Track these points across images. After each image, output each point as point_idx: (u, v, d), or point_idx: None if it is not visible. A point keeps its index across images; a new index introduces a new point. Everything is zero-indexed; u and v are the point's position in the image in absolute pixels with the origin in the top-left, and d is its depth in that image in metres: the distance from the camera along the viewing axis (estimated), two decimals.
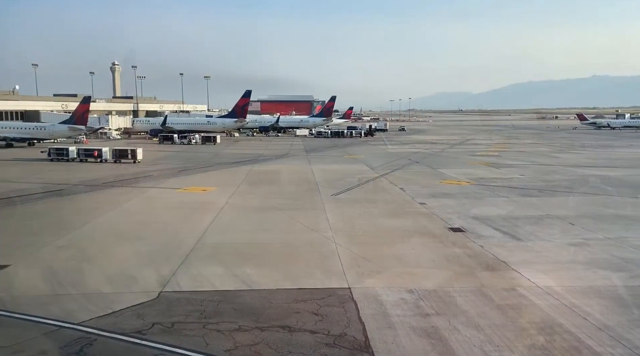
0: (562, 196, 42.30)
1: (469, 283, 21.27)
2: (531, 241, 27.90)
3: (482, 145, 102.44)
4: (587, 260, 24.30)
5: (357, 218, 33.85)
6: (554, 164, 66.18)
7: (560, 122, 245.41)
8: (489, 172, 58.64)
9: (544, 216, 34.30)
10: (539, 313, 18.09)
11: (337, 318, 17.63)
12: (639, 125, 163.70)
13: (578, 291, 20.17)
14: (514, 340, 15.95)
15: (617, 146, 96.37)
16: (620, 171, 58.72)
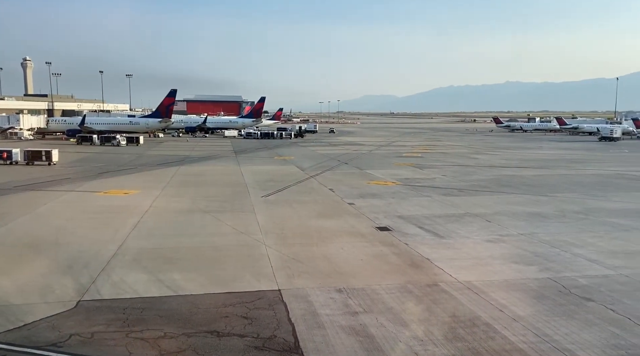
0: (480, 195, 44.75)
1: (395, 280, 21.94)
2: (452, 239, 29.28)
3: (407, 147, 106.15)
4: (503, 255, 25.88)
5: (287, 219, 33.86)
6: (472, 165, 69.87)
7: (478, 125, 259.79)
8: (413, 173, 60.86)
9: (464, 214, 36.12)
10: (460, 307, 19.01)
11: (267, 320, 17.53)
12: (547, 128, 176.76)
13: (495, 284, 21.42)
14: (437, 333, 16.65)
15: (529, 148, 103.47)
16: (532, 171, 63.11)
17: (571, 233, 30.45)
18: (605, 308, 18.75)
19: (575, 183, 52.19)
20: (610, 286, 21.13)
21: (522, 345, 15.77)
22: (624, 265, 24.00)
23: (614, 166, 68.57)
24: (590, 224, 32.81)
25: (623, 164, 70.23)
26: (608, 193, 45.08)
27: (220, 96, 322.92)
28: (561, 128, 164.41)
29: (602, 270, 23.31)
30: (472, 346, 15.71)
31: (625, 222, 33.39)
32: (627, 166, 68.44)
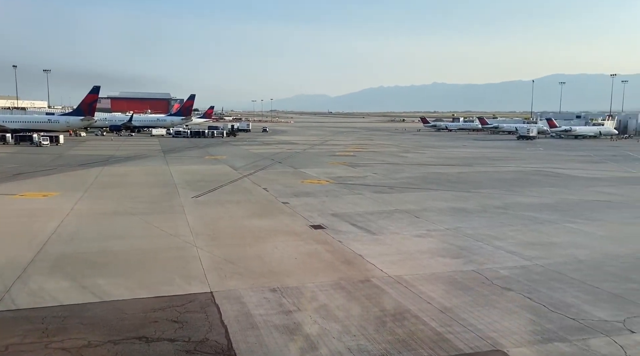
0: (409, 192, 46.25)
1: (329, 277, 22.18)
2: (383, 235, 30.04)
3: (340, 146, 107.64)
4: (430, 249, 26.90)
5: (219, 220, 33.24)
6: (402, 163, 72.09)
7: (407, 124, 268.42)
8: (346, 171, 61.81)
9: (394, 210, 37.18)
10: (390, 301, 19.55)
11: (199, 323, 17.12)
12: (470, 127, 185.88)
13: (423, 278, 22.22)
14: (369, 328, 17.02)
15: (454, 146, 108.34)
16: (456, 168, 66.13)
17: (492, 227, 32.20)
18: (523, 297, 19.99)
19: (496, 179, 55.26)
20: (527, 276, 22.56)
21: (449, 335, 16.47)
22: (539, 256, 25.69)
23: (531, 163, 73.30)
24: (509, 218, 34.85)
25: (539, 161, 75.23)
26: (525, 189, 48.12)
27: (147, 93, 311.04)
28: (483, 128, 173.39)
29: (521, 261, 24.83)
30: (402, 339, 16.19)
31: (541, 215, 35.78)
32: (543, 163, 73.39)
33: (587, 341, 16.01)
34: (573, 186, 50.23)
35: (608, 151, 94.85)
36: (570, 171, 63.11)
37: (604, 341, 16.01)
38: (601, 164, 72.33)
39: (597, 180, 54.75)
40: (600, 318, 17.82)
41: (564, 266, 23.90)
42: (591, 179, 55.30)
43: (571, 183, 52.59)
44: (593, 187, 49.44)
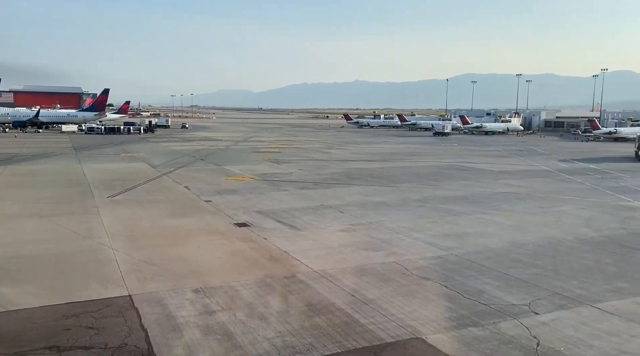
0: (333, 188, 46.98)
1: (254, 275, 22.02)
2: (308, 230, 30.31)
3: (264, 142, 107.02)
4: (354, 243, 27.52)
5: (137, 221, 31.87)
6: (326, 159, 73.05)
7: (331, 121, 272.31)
8: (271, 168, 61.60)
9: (319, 206, 37.61)
10: (315, 295, 19.77)
11: (116, 329, 16.32)
12: (390, 124, 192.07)
13: (347, 271, 22.69)
14: (294, 323, 17.11)
15: (375, 142, 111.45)
16: (378, 163, 68.11)
17: (411, 220, 33.54)
18: (440, 285, 21.02)
19: (414, 173, 57.59)
20: (444, 266, 23.75)
21: (372, 326, 16.96)
22: (454, 246, 27.13)
23: (446, 158, 77.12)
24: (426, 211, 36.46)
25: (453, 156, 79.32)
26: (441, 182, 50.58)
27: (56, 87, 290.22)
28: (402, 124, 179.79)
29: (438, 251, 26.08)
30: (327, 332, 16.44)
31: (455, 207, 37.78)
32: (457, 158, 77.47)
33: (498, 325, 17.16)
34: (484, 179, 53.50)
35: (515, 146, 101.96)
36: (481, 165, 67.16)
37: (512, 324, 17.23)
38: (509, 158, 77.59)
39: (505, 173, 58.71)
40: (509, 302, 19.16)
41: (476, 255, 25.41)
42: (500, 173, 59.20)
43: (482, 176, 55.98)
44: (502, 180, 52.96)
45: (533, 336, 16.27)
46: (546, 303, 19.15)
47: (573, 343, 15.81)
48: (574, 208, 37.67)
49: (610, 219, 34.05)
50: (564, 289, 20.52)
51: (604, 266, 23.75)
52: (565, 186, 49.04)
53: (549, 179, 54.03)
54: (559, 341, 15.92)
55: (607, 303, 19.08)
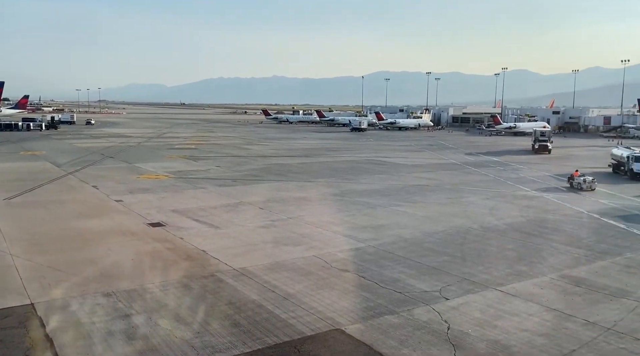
0: (253, 184, 46.59)
1: (170, 276, 21.30)
2: (228, 228, 29.83)
3: (179, 138, 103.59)
4: (275, 239, 27.50)
5: (40, 224, 29.62)
6: (245, 155, 72.24)
7: (249, 117, 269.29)
8: (187, 165, 59.80)
9: (238, 203, 37.13)
10: (235, 293, 19.53)
11: (17, 340, 15.09)
12: (309, 120, 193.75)
13: (268, 267, 22.64)
14: (213, 323, 16.79)
15: (295, 138, 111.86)
16: (298, 159, 68.47)
17: (331, 214, 34.14)
18: (358, 277, 21.61)
19: (333, 168, 58.61)
20: (361, 257, 24.43)
21: (292, 321, 17.07)
22: (371, 238, 27.99)
23: (363, 153, 79.21)
24: (345, 205, 37.27)
25: (369, 151, 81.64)
26: (358, 177, 51.92)
27: None
28: (321, 120, 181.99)
29: (356, 244, 26.77)
30: (247, 330, 16.31)
31: (372, 200, 38.96)
32: (373, 152, 79.83)
33: (412, 311, 17.97)
34: (398, 172, 55.65)
35: (425, 140, 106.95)
36: (395, 159, 69.78)
37: (425, 310, 18.12)
38: (420, 152, 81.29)
39: (417, 167, 61.46)
40: (422, 289, 20.13)
41: (391, 246, 26.41)
42: (413, 166, 61.88)
43: (397, 170, 58.20)
44: (414, 173, 55.39)
45: (444, 320, 17.22)
46: (455, 288, 20.35)
47: (480, 325, 16.94)
48: (479, 198, 40.28)
49: (510, 208, 36.81)
50: (471, 275, 21.90)
51: (506, 252, 25.65)
52: (471, 177, 52.28)
53: (457, 171, 57.32)
54: (467, 324, 16.98)
55: (509, 286, 20.63)
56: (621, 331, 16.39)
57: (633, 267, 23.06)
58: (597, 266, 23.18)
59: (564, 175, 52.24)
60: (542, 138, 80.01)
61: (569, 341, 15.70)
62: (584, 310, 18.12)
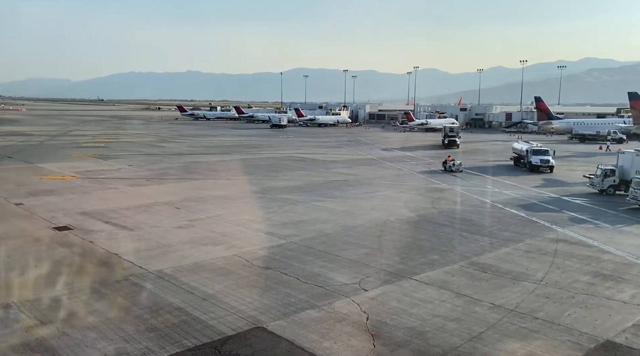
0: (168, 183, 44.98)
1: (79, 282, 20.05)
2: (142, 229, 28.57)
3: (87, 136, 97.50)
4: (193, 239, 26.75)
5: None
6: (159, 153, 69.53)
7: (163, 113, 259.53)
8: (96, 164, 56.49)
9: (153, 203, 35.68)
10: (152, 297, 18.77)
11: None
12: (228, 116, 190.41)
13: (186, 269, 21.98)
14: (128, 328, 16.03)
15: (213, 135, 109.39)
16: (216, 157, 67.04)
17: (251, 211, 33.84)
18: (280, 273, 21.61)
19: (253, 165, 58.09)
20: (283, 254, 24.46)
21: (212, 321, 16.72)
22: (293, 234, 28.10)
23: (283, 149, 79.24)
24: (266, 202, 37.11)
25: (290, 148, 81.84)
26: (279, 173, 51.89)
27: None
28: (239, 116, 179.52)
29: (277, 241, 26.75)
30: (165, 334, 15.76)
31: (293, 197, 39.12)
32: (293, 149, 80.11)
33: (332, 304, 18.30)
34: (318, 169, 56.33)
35: (344, 137, 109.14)
36: (315, 155, 70.53)
37: (345, 302, 18.53)
38: (339, 148, 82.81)
39: (336, 162, 62.55)
40: (342, 282, 20.55)
41: (312, 241, 26.69)
42: (332, 162, 62.88)
43: (317, 166, 58.89)
44: (334, 169, 56.34)
45: (363, 311, 17.72)
46: (373, 279, 21.00)
47: (397, 313, 17.62)
48: (395, 192, 41.83)
49: (423, 200, 38.59)
50: (388, 266, 22.71)
51: (420, 242, 26.87)
52: (387, 172, 54.13)
53: (374, 166, 59.10)
54: (385, 314, 17.59)
55: (422, 275, 21.64)
56: (522, 312, 17.79)
57: (532, 252, 25.10)
58: (502, 253, 24.96)
59: (470, 168, 55.69)
60: (451, 134, 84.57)
61: (478, 324, 16.78)
62: (490, 294, 19.44)
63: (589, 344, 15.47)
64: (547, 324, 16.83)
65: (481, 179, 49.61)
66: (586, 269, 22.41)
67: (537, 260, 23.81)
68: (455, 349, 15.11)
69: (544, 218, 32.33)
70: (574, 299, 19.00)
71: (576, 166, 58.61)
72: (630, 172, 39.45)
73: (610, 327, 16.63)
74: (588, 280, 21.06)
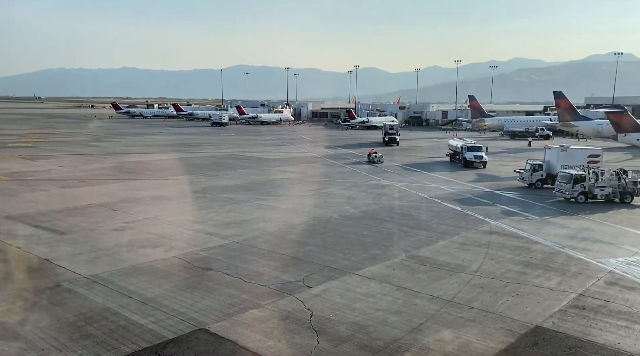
0: (103, 184, 43.11)
1: (6, 291, 18.83)
2: (75, 233, 27.27)
3: (13, 136, 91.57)
4: (130, 242, 25.82)
5: None
6: (93, 153, 66.53)
7: (97, 111, 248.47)
8: (23, 165, 53.25)
9: (87, 205, 34.13)
10: (87, 303, 17.96)
11: None
12: (166, 114, 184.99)
13: (123, 272, 21.19)
14: (61, 337, 15.27)
15: (150, 134, 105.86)
16: (154, 156, 64.96)
17: (192, 212, 33.09)
18: (222, 274, 21.30)
19: (193, 165, 56.80)
20: (225, 254, 24.12)
21: (152, 326, 16.25)
22: (235, 234, 27.76)
23: (225, 148, 78.05)
24: (207, 202, 36.41)
25: (232, 146, 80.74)
26: (221, 172, 51.06)
27: None
28: (178, 114, 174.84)
29: (219, 241, 26.32)
30: (102, 340, 15.13)
31: (235, 196, 38.64)
32: (235, 147, 79.08)
33: (276, 303, 18.26)
34: (261, 167, 55.93)
35: (287, 135, 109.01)
36: (258, 153, 70.00)
37: (289, 300, 18.55)
38: (283, 146, 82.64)
39: (280, 161, 62.39)
40: (286, 281, 20.55)
41: (256, 240, 26.50)
42: (275, 160, 62.67)
43: (260, 164, 58.45)
44: (277, 167, 56.16)
45: (307, 308, 17.81)
46: (317, 276, 21.15)
47: (340, 309, 17.84)
48: (338, 189, 42.30)
49: (365, 196, 39.27)
50: (332, 262, 22.94)
51: (362, 238, 27.33)
52: (330, 170, 54.62)
53: (317, 164, 59.46)
54: (328, 309, 17.77)
55: (365, 269, 22.04)
56: (459, 303, 18.53)
57: (468, 244, 26.19)
58: (439, 246, 25.87)
59: (409, 165, 57.36)
60: (391, 132, 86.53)
61: (417, 316, 17.32)
62: (429, 286, 20.11)
63: (520, 330, 16.36)
64: (482, 313, 17.63)
65: (420, 175, 51.13)
66: (517, 260, 23.66)
67: (472, 252, 24.86)
68: (396, 341, 15.51)
69: (478, 212, 33.80)
70: (507, 288, 20.01)
71: (507, 161, 61.67)
72: (556, 167, 42.04)
73: (539, 313, 17.66)
74: (519, 269, 22.24)
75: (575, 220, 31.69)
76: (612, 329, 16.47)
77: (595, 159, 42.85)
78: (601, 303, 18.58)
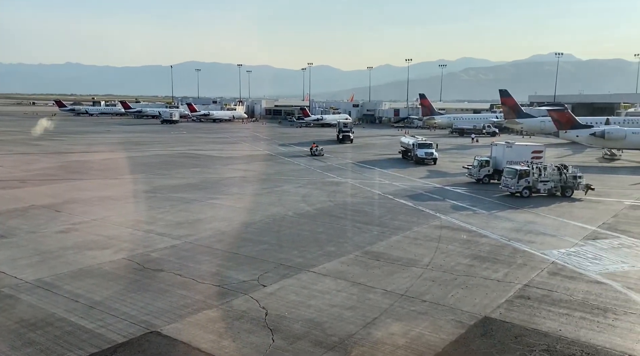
0: (47, 184, 41.20)
1: None
2: (16, 236, 25.96)
3: None
4: (76, 244, 24.82)
5: None
6: (36, 152, 63.47)
7: (39, 108, 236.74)
8: None
9: (29, 207, 32.54)
10: (30, 309, 17.13)
11: None
12: (113, 112, 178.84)
13: (69, 276, 20.34)
14: (3, 345, 14.50)
15: (97, 132, 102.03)
16: (101, 155, 62.54)
17: (142, 212, 32.16)
18: (174, 275, 20.83)
19: (143, 163, 55.21)
20: (177, 254, 23.60)
21: (101, 330, 15.70)
22: (188, 234, 27.20)
23: (176, 146, 76.26)
24: (158, 201, 35.49)
25: (183, 144, 79.01)
26: (172, 171, 49.89)
27: None
28: (126, 112, 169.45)
29: (171, 241, 25.72)
30: (46, 347, 14.50)
31: (187, 195, 37.85)
32: (187, 145, 77.43)
33: (231, 303, 18.04)
34: (214, 165, 55.06)
35: (240, 132, 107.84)
36: (210, 152, 68.87)
37: (244, 299, 18.37)
38: (236, 144, 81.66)
39: (233, 159, 61.63)
40: (240, 280, 20.34)
41: (209, 240, 26.08)
42: (229, 158, 61.86)
43: (212, 162, 57.52)
44: (230, 165, 55.45)
45: (262, 307, 17.71)
46: (272, 274, 21.06)
47: (295, 306, 17.85)
48: (293, 187, 42.25)
49: (320, 194, 39.42)
50: (287, 260, 22.89)
51: (317, 235, 27.43)
52: (285, 167, 54.47)
53: (272, 162, 59.14)
54: (284, 308, 17.73)
55: (320, 267, 22.13)
56: (412, 296, 18.94)
57: (419, 239, 26.79)
58: (392, 241, 26.33)
59: (363, 162, 58.04)
60: (345, 129, 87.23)
61: (372, 311, 17.56)
62: (382, 281, 20.43)
63: (470, 321, 16.91)
64: (433, 306, 18.10)
65: (373, 172, 51.81)
66: (466, 253, 24.42)
67: (423, 246, 25.45)
68: (351, 336, 15.67)
69: (430, 207, 34.64)
70: (457, 281, 20.62)
71: (456, 157, 63.52)
72: (502, 163, 43.66)
73: (487, 304, 18.31)
74: (468, 262, 22.97)
75: (521, 214, 33.04)
76: (554, 317, 17.29)
77: (539, 155, 44.81)
78: (544, 292, 19.47)
